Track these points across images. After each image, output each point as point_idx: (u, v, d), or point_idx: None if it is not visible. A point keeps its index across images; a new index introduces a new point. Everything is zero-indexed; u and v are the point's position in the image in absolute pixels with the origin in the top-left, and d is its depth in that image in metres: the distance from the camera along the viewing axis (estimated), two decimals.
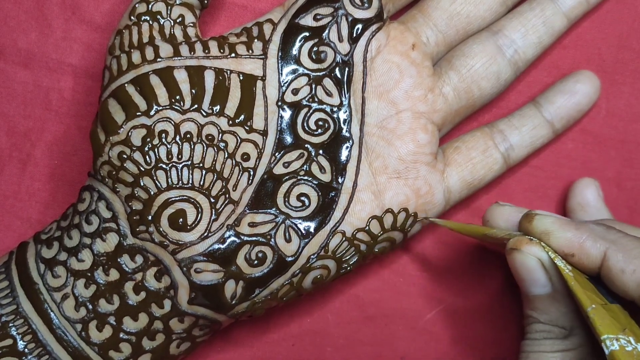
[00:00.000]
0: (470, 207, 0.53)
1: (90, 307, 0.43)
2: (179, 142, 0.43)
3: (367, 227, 0.46)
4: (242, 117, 0.45)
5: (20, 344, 0.43)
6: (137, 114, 0.43)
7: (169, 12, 0.46)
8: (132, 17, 0.45)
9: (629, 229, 0.43)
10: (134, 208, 0.43)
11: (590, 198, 0.51)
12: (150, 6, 0.45)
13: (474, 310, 0.53)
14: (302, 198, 0.45)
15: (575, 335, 0.41)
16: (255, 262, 0.44)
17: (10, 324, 0.43)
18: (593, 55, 0.53)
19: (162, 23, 0.45)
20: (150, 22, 0.45)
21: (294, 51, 0.46)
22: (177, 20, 0.46)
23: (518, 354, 0.43)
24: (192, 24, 0.46)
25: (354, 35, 0.46)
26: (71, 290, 0.44)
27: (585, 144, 0.53)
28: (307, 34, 0.46)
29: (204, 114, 0.44)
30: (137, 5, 0.46)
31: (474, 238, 0.48)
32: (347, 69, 0.46)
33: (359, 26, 0.46)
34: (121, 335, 0.44)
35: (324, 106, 0.46)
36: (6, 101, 0.52)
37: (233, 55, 0.45)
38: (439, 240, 0.53)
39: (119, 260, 0.43)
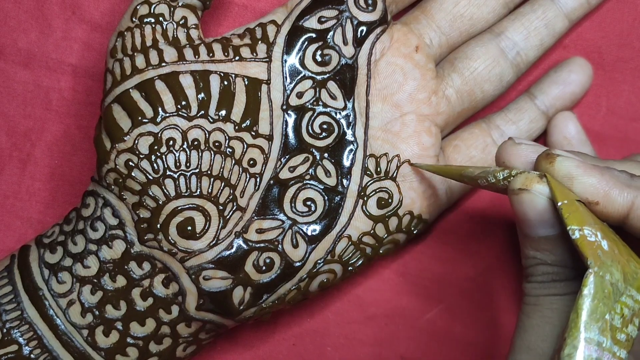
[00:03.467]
0: (469, 203, 0.54)
1: (96, 313, 0.43)
2: (187, 150, 0.43)
3: (373, 231, 0.46)
4: (248, 122, 0.44)
5: (26, 350, 0.43)
6: (144, 120, 0.43)
7: (171, 14, 0.45)
8: (133, 19, 0.45)
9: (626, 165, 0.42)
10: (141, 216, 0.43)
11: (573, 130, 0.51)
12: (152, 8, 0.45)
13: (474, 309, 0.53)
14: (309, 203, 0.45)
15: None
16: (263, 268, 0.44)
17: (15, 330, 0.43)
18: (593, 54, 0.53)
19: (165, 26, 0.45)
20: (153, 25, 0.45)
21: (298, 54, 0.46)
22: (180, 23, 0.45)
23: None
24: (194, 26, 0.46)
25: (359, 38, 0.46)
26: (77, 296, 0.43)
27: None
28: (311, 36, 0.46)
29: (211, 120, 0.43)
30: (138, 7, 0.45)
31: (454, 179, 0.45)
32: (351, 72, 0.46)
33: (364, 29, 0.46)
34: (128, 340, 0.44)
35: (328, 109, 0.46)
36: (6, 101, 0.52)
37: (237, 58, 0.45)
38: (439, 239, 0.53)
39: (126, 267, 0.43)
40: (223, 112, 0.44)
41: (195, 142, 0.43)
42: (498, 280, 0.53)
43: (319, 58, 0.46)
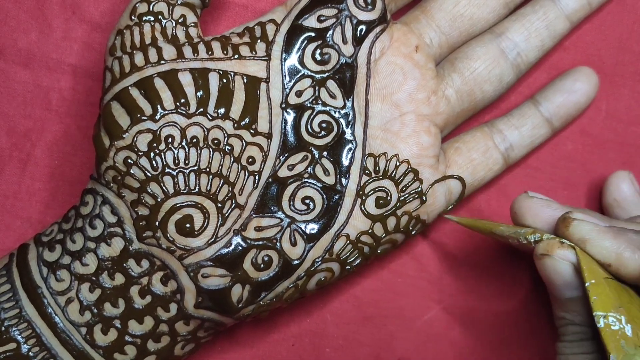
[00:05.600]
0: (467, 206, 0.54)
1: (95, 310, 0.43)
2: (186, 147, 0.43)
3: (371, 230, 0.46)
4: (247, 120, 0.44)
5: (24, 348, 0.43)
6: (143, 118, 0.43)
7: (170, 12, 0.45)
8: (132, 17, 0.45)
9: None
10: (140, 213, 0.43)
11: (627, 192, 0.50)
12: (151, 6, 0.45)
13: (472, 311, 0.53)
14: (307, 201, 0.45)
15: None
16: (262, 266, 0.44)
17: (14, 328, 0.43)
18: (593, 57, 0.53)
19: (164, 24, 0.45)
20: (152, 23, 0.45)
21: (298, 53, 0.46)
22: (179, 21, 0.45)
23: (554, 356, 0.42)
24: (193, 24, 0.46)
25: (358, 37, 0.46)
26: (75, 294, 0.43)
27: (585, 145, 0.53)
28: (310, 35, 0.46)
29: (210, 117, 0.44)
30: (137, 5, 0.45)
31: (484, 234, 0.47)
32: (350, 71, 0.46)
33: (363, 28, 0.46)
34: (126, 338, 0.44)
35: (328, 108, 0.46)
36: (6, 101, 0.52)
37: (236, 56, 0.45)
38: (438, 241, 0.53)
39: (124, 264, 0.43)
40: (222, 110, 0.44)
41: (194, 140, 0.43)
42: (496, 281, 0.53)
43: (318, 57, 0.46)
